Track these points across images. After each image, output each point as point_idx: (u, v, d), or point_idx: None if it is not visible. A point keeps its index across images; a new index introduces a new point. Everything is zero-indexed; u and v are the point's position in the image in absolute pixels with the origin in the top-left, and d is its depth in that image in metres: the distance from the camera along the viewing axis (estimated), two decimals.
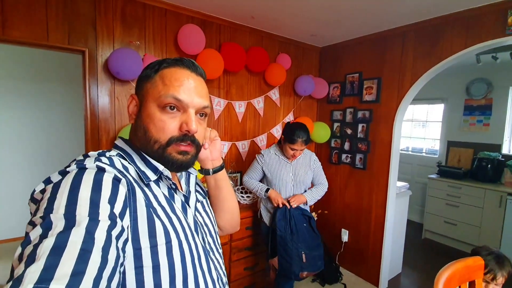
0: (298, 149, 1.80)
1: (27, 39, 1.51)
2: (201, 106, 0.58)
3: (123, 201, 0.46)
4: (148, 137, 0.56)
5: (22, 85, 2.95)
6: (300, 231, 1.74)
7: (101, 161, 0.49)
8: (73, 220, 0.38)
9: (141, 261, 0.48)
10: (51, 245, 0.34)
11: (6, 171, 2.96)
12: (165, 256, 0.50)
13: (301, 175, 1.91)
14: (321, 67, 2.96)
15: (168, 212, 0.55)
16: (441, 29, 2.01)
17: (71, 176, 0.44)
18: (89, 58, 1.71)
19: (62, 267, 0.33)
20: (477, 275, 1.05)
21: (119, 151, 0.58)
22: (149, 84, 0.58)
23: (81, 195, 0.41)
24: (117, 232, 0.42)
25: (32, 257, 0.33)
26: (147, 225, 0.49)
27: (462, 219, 3.25)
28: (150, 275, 0.49)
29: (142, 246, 0.48)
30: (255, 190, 1.93)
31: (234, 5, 1.94)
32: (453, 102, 3.83)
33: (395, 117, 2.29)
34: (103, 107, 1.79)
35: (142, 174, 0.55)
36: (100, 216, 0.41)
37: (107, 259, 0.37)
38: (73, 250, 0.35)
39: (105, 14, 1.73)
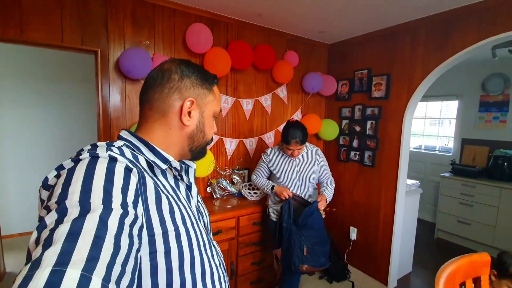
0: (295, 149, 1.81)
1: (43, 40, 1.59)
2: None
3: (135, 191, 0.48)
4: (205, 138, 0.69)
5: (38, 84, 3.08)
6: (307, 225, 1.75)
7: (112, 151, 0.51)
8: (87, 208, 0.40)
9: (154, 246, 0.50)
10: (67, 230, 0.36)
11: (21, 167, 3.10)
12: (174, 241, 0.53)
13: (307, 171, 1.92)
14: (329, 64, 2.94)
15: (175, 200, 0.58)
16: (453, 23, 1.96)
17: (84, 163, 0.46)
18: (101, 58, 1.77)
19: (78, 252, 0.34)
20: (483, 271, 1.03)
21: (125, 142, 0.60)
22: (211, 95, 0.68)
23: (95, 184, 0.43)
24: (130, 220, 0.43)
25: (48, 241, 0.35)
26: (157, 212, 0.52)
27: (476, 218, 3.16)
28: (163, 260, 0.51)
29: (156, 232, 0.51)
30: (262, 187, 1.98)
31: (241, 4, 1.96)
32: (468, 99, 3.71)
33: (404, 114, 2.25)
34: (115, 105, 1.85)
35: (153, 162, 0.58)
36: (113, 205, 0.42)
37: (119, 246, 0.39)
38: (88, 236, 0.36)
39: (116, 15, 1.79)
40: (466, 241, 3.29)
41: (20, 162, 3.08)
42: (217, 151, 2.33)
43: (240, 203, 2.15)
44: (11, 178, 3.05)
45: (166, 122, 0.63)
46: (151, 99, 0.63)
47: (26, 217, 3.14)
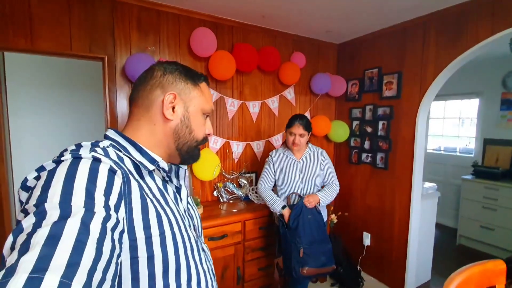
0: (297, 133, 1.81)
1: (53, 49, 1.65)
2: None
3: (118, 193, 0.46)
4: (193, 136, 0.66)
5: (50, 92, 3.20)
6: (303, 222, 1.68)
7: (96, 151, 0.49)
8: (68, 210, 0.38)
9: (136, 251, 0.49)
10: (46, 234, 0.34)
11: None
12: (159, 247, 0.52)
13: (310, 174, 1.87)
14: (338, 64, 2.88)
15: (162, 203, 0.57)
16: (464, 16, 1.86)
17: (66, 164, 0.44)
18: (108, 64, 1.81)
19: (57, 257, 0.32)
20: (498, 280, 0.94)
21: (111, 142, 0.59)
22: (196, 92, 0.66)
23: (76, 185, 0.41)
24: (112, 224, 0.42)
25: (25, 246, 0.33)
26: (142, 217, 0.50)
27: (500, 223, 2.96)
28: (145, 265, 0.50)
29: (138, 237, 0.49)
30: (269, 203, 1.84)
31: (244, 6, 1.96)
32: (489, 97, 3.52)
33: (417, 113, 2.15)
34: (122, 110, 1.89)
35: (140, 164, 0.57)
36: (95, 208, 0.40)
37: (101, 251, 0.38)
38: (69, 240, 0.35)
39: (122, 22, 1.83)
40: (490, 248, 3.09)
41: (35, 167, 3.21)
42: (224, 154, 2.31)
43: (247, 206, 2.12)
44: None
45: (151, 117, 0.62)
46: (137, 96, 0.64)
47: None
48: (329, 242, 1.76)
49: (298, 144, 1.83)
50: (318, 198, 1.82)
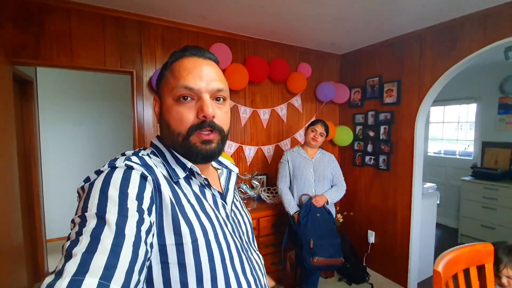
0: (318, 130, 2.06)
1: (90, 65, 1.87)
2: (215, 89, 0.57)
3: (150, 198, 0.48)
4: (171, 131, 0.57)
5: (75, 103, 3.45)
6: (312, 221, 1.88)
7: (131, 160, 0.52)
8: (104, 218, 0.41)
9: (166, 256, 0.49)
10: (86, 242, 0.38)
11: (66, 177, 3.45)
12: (191, 255, 0.50)
13: (321, 170, 2.09)
14: (341, 73, 3.08)
15: (197, 209, 0.55)
16: (458, 29, 2.06)
17: (103, 175, 0.48)
18: (136, 78, 2.03)
19: (96, 261, 0.36)
20: (487, 260, 1.11)
21: (153, 149, 0.61)
22: (163, 81, 0.59)
23: (110, 194, 0.44)
24: (146, 227, 0.44)
25: (70, 252, 0.37)
26: (172, 223, 0.50)
27: (500, 222, 3.09)
28: (176, 273, 0.49)
29: (167, 242, 0.49)
30: (286, 205, 2.04)
31: (256, 23, 2.17)
32: (486, 101, 3.68)
33: (416, 118, 2.33)
34: (148, 119, 2.09)
35: (172, 171, 0.56)
36: (129, 212, 0.43)
37: (137, 254, 0.40)
38: (106, 245, 0.38)
39: (149, 40, 2.06)
40: None
41: (61, 172, 3.43)
42: (238, 158, 2.51)
43: (259, 206, 2.30)
44: (53, 187, 3.39)
45: None
46: None
47: (64, 222, 3.46)
48: (338, 237, 1.94)
49: (317, 140, 2.07)
50: (325, 198, 2.02)
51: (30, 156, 2.46)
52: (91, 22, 1.86)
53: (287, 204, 2.04)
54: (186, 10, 1.94)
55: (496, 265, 1.16)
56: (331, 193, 2.07)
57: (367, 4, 1.84)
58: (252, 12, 1.96)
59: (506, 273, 1.15)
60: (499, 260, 1.15)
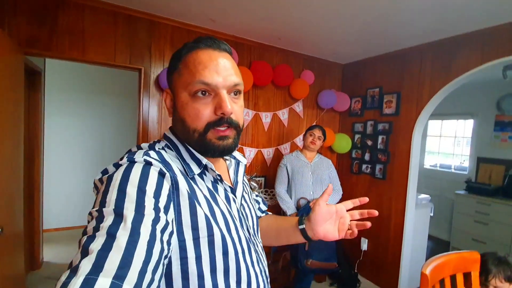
0: (316, 134, 2.13)
1: (100, 60, 1.92)
2: (232, 83, 0.56)
3: (167, 195, 0.48)
4: (186, 127, 0.56)
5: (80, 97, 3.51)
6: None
7: (149, 155, 0.51)
8: (121, 215, 0.41)
9: (185, 252, 0.50)
10: (102, 239, 0.38)
11: (67, 170, 3.48)
12: (207, 248, 0.51)
13: (319, 174, 2.15)
14: (343, 82, 3.15)
15: (212, 204, 0.55)
16: (457, 47, 2.13)
17: (122, 169, 0.48)
18: (144, 75, 2.08)
19: (111, 260, 0.36)
20: (473, 268, 1.16)
21: (167, 142, 0.60)
22: (176, 74, 0.57)
23: (129, 190, 0.44)
24: (161, 226, 0.44)
25: (86, 249, 0.37)
26: (190, 218, 0.50)
27: (491, 237, 3.15)
28: (194, 265, 0.50)
29: (186, 238, 0.50)
30: (284, 205, 2.12)
31: (262, 29, 2.24)
32: (483, 118, 3.77)
33: (413, 130, 2.40)
34: (152, 115, 2.14)
35: (187, 167, 0.56)
36: (145, 210, 0.43)
37: (151, 252, 0.40)
38: (120, 244, 0.38)
39: (158, 39, 2.12)
40: None
41: (62, 164, 3.47)
42: None
43: None
44: (53, 179, 3.42)
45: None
46: None
47: (62, 214, 3.48)
48: (334, 242, 1.99)
49: (315, 143, 2.14)
50: None
51: (34, 146, 2.51)
52: (104, 18, 1.92)
53: (284, 205, 2.09)
54: (196, 12, 2.00)
55: (485, 275, 1.20)
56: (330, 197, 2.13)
57: (370, 18, 1.92)
58: (259, 19, 2.03)
59: (494, 284, 1.18)
60: (488, 271, 1.19)
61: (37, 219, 2.59)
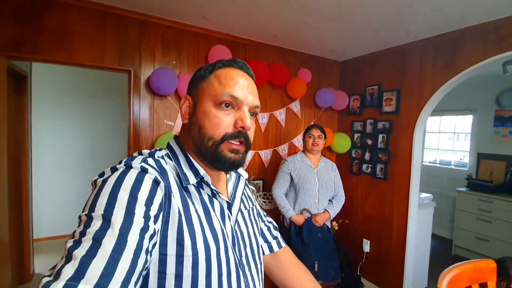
0: (315, 134, 2.03)
1: (87, 61, 1.83)
2: (254, 104, 0.59)
3: (159, 204, 0.47)
4: (202, 134, 0.56)
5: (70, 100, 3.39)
6: (314, 241, 1.83)
7: (147, 162, 0.51)
8: (109, 220, 0.40)
9: (165, 267, 0.48)
10: (87, 244, 0.37)
11: (53, 176, 3.37)
12: (190, 269, 0.49)
13: (325, 180, 2.05)
14: (341, 80, 3.07)
15: (203, 221, 0.54)
16: (459, 42, 2.06)
17: (116, 174, 0.47)
18: (134, 76, 1.99)
19: (93, 267, 0.35)
20: (489, 278, 1.09)
21: (169, 151, 0.60)
22: (205, 83, 0.59)
23: (120, 196, 0.43)
24: (149, 235, 0.43)
25: (70, 253, 0.37)
26: (177, 232, 0.49)
27: (495, 235, 3.09)
28: (172, 283, 0.48)
29: (169, 252, 0.48)
30: (282, 209, 2.03)
31: (258, 27, 2.16)
32: (483, 113, 3.72)
33: (415, 128, 2.33)
34: (144, 118, 2.05)
35: (183, 176, 0.55)
36: (135, 218, 0.42)
37: (136, 263, 0.39)
38: (106, 251, 0.37)
39: (149, 39, 2.02)
40: (485, 259, 3.20)
41: (52, 170, 3.35)
42: None
43: None
44: (43, 185, 3.31)
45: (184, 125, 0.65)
46: None
47: (53, 222, 3.37)
48: (337, 259, 1.92)
49: (317, 144, 2.02)
50: (327, 216, 2.00)
51: (21, 152, 2.40)
52: (92, 18, 1.82)
53: (284, 208, 2.00)
54: (188, 11, 1.91)
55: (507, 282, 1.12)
56: (333, 208, 2.05)
57: (368, 14, 1.84)
58: (254, 16, 1.95)
59: None
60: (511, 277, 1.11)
61: (26, 228, 2.48)
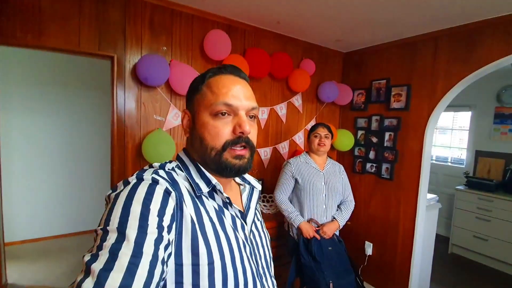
0: (322, 133, 1.83)
1: (60, 45, 1.53)
2: (250, 107, 0.59)
3: (171, 215, 0.48)
4: (204, 145, 0.57)
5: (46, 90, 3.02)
6: (326, 257, 1.64)
7: (158, 173, 0.52)
8: (124, 233, 0.41)
9: (181, 277, 0.48)
10: (104, 258, 0.38)
11: (27, 175, 3.03)
12: (206, 278, 0.49)
13: (332, 183, 1.86)
14: (344, 72, 2.88)
15: (218, 229, 0.54)
16: (479, 34, 1.90)
17: (128, 187, 0.47)
18: (118, 64, 1.71)
19: (111, 280, 0.36)
20: None
21: (179, 162, 0.61)
22: (199, 96, 0.60)
23: (133, 208, 0.44)
24: (164, 245, 0.44)
25: (88, 268, 0.38)
26: (191, 242, 0.49)
27: (494, 234, 3.05)
28: None
29: (184, 262, 0.48)
30: (288, 215, 1.80)
31: (260, 10, 1.91)
32: (482, 110, 3.64)
33: (426, 126, 2.18)
34: (130, 113, 1.79)
35: (195, 185, 0.56)
36: (149, 229, 0.43)
37: (153, 274, 0.39)
38: (123, 263, 0.38)
39: (134, 22, 1.74)
40: (482, 257, 3.18)
41: (25, 168, 3.01)
42: None
43: None
44: (16, 184, 2.97)
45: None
46: None
47: (28, 225, 3.06)
48: (352, 273, 1.73)
49: (324, 144, 1.82)
50: (336, 225, 1.80)
51: None
52: None
53: (291, 214, 1.79)
54: None
55: None
56: (342, 215, 1.85)
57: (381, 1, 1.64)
58: None
59: None
60: None
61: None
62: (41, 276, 2.50)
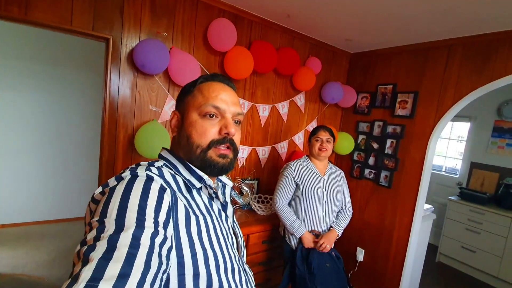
0: (323, 137, 1.75)
1: (49, 22, 1.38)
2: (236, 112, 0.65)
3: (167, 211, 0.49)
4: (191, 143, 0.62)
5: (34, 67, 2.84)
6: (322, 271, 1.57)
7: (151, 170, 0.54)
8: (122, 225, 0.42)
9: (183, 268, 0.50)
10: (103, 248, 0.39)
11: (13, 155, 2.87)
12: (203, 265, 0.52)
13: (333, 190, 1.78)
14: (349, 74, 2.79)
15: (208, 220, 0.58)
16: (495, 46, 1.83)
17: (124, 183, 0.49)
18: (113, 46, 1.57)
19: (111, 268, 0.36)
20: None
21: (164, 161, 0.63)
22: (190, 97, 0.65)
23: (131, 202, 0.45)
24: (160, 240, 0.44)
25: (87, 257, 0.38)
26: (186, 234, 0.52)
27: (482, 246, 3.07)
28: (191, 282, 0.50)
29: (185, 254, 0.50)
30: (290, 224, 1.70)
31: (271, 1, 1.79)
32: (482, 122, 3.62)
33: (431, 136, 2.12)
34: (123, 101, 1.66)
35: (188, 182, 0.60)
36: (146, 223, 0.44)
37: (150, 264, 0.40)
38: (121, 253, 0.39)
39: (134, 1, 1.59)
40: (469, 269, 3.21)
41: (9, 147, 2.84)
42: None
43: (249, 218, 1.99)
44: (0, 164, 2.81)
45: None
46: None
47: (9, 208, 2.91)
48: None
49: (326, 148, 1.74)
50: (334, 235, 1.73)
51: None
52: None
53: (293, 223, 1.69)
54: None
55: None
56: (340, 224, 1.77)
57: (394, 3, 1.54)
58: None
59: None
60: None
61: None
62: (20, 262, 2.39)
